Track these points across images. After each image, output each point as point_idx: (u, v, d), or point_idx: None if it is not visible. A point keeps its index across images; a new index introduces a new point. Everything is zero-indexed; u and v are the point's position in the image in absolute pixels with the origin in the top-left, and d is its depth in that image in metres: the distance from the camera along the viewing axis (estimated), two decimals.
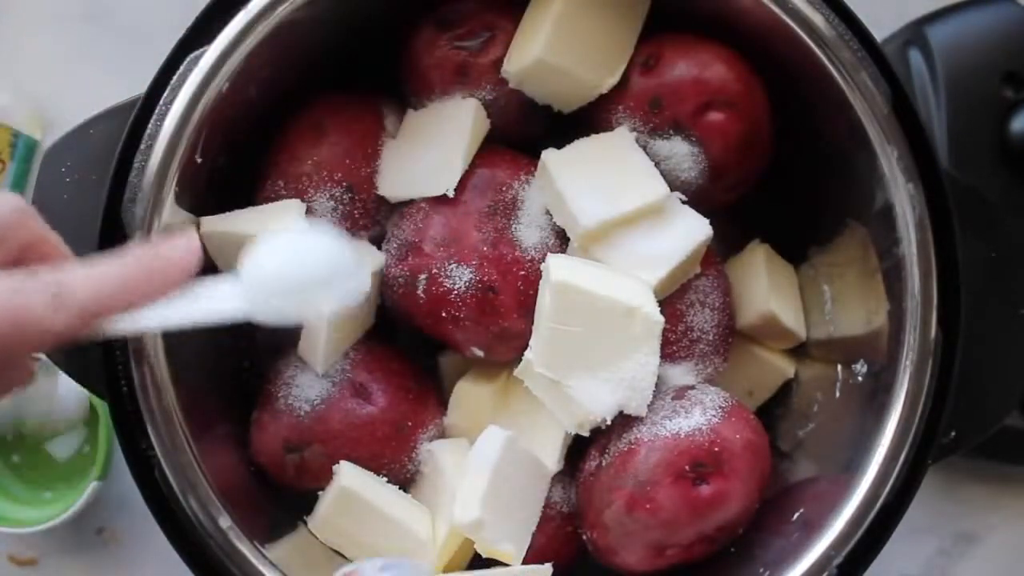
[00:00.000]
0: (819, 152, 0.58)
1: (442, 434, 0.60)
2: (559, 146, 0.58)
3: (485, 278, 0.55)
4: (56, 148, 0.53)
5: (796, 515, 0.54)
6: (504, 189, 0.57)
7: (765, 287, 0.60)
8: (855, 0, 0.52)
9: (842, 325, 0.59)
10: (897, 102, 0.51)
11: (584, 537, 0.56)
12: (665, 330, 0.54)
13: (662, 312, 0.54)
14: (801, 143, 0.59)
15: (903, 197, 0.51)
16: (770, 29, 0.53)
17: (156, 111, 0.50)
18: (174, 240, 0.43)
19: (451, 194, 0.56)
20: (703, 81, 0.56)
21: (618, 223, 0.55)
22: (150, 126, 0.50)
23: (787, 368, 0.63)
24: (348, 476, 0.55)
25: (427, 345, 0.61)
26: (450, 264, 0.55)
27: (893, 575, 0.70)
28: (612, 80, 0.58)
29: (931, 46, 0.64)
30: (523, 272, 0.56)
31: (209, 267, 0.57)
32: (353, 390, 0.57)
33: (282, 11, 0.51)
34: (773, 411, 0.64)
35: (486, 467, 0.53)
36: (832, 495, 0.51)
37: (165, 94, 0.50)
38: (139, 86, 0.51)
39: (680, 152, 0.57)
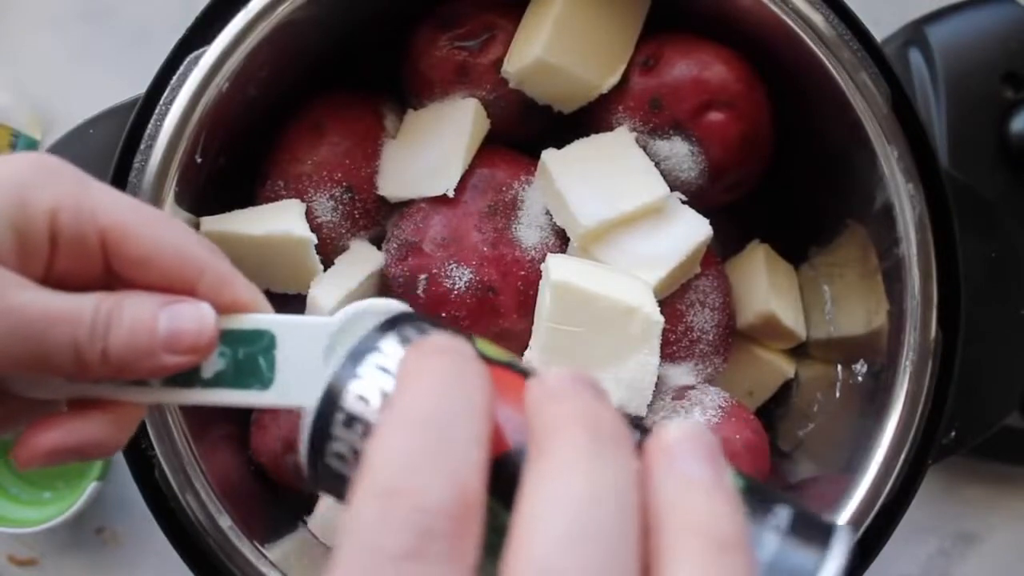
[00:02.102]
0: (819, 152, 0.58)
1: None
2: (559, 146, 0.57)
3: (485, 278, 0.55)
4: (56, 148, 0.53)
5: None
6: (504, 189, 0.57)
7: (765, 287, 0.60)
8: (855, 0, 0.52)
9: (842, 325, 0.59)
10: (897, 102, 0.51)
11: None
12: (665, 330, 0.54)
13: (662, 312, 0.54)
14: (801, 143, 0.59)
15: (903, 197, 0.51)
16: (770, 29, 0.53)
17: (156, 111, 0.50)
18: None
19: (451, 194, 0.56)
20: (703, 81, 0.56)
21: (618, 223, 0.55)
22: (150, 126, 0.50)
23: (787, 368, 0.63)
24: None
25: None
26: (450, 264, 0.55)
27: (893, 575, 0.70)
28: (612, 80, 0.58)
29: (931, 46, 0.64)
30: (523, 272, 0.56)
31: None
32: None
33: (282, 11, 0.51)
34: (773, 411, 0.64)
35: None
36: (832, 495, 0.51)
37: (165, 94, 0.50)
38: (139, 86, 0.51)
39: (680, 152, 0.57)
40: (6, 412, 0.34)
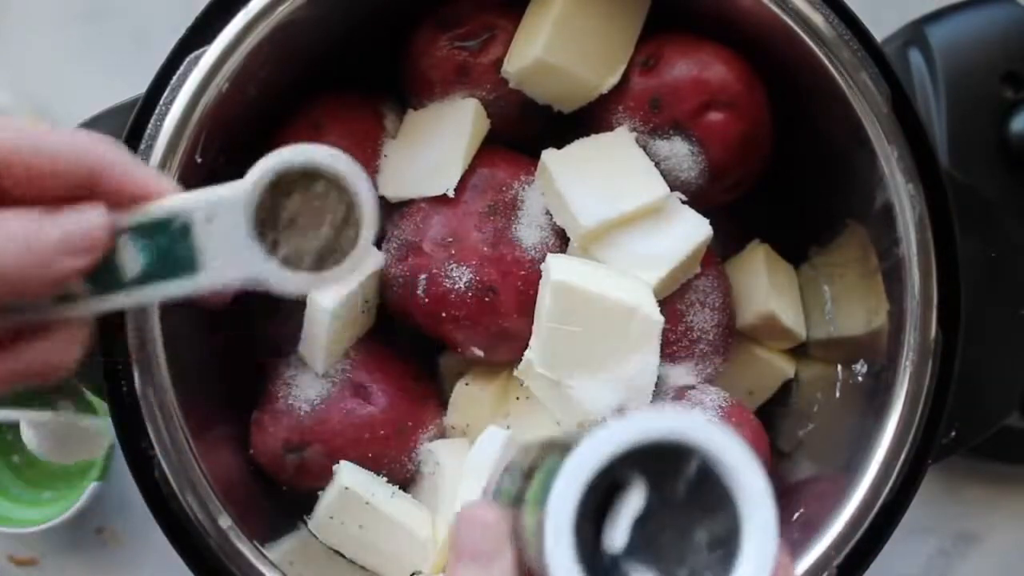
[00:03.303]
0: (819, 152, 0.58)
1: (442, 434, 0.60)
2: (559, 146, 0.57)
3: (485, 278, 0.55)
4: None
5: (796, 515, 0.54)
6: (504, 189, 0.57)
7: (765, 287, 0.60)
8: (855, 0, 0.52)
9: (842, 325, 0.59)
10: (897, 102, 0.51)
11: None
12: (665, 330, 0.54)
13: (662, 312, 0.54)
14: (801, 143, 0.59)
15: (903, 197, 0.51)
16: (770, 29, 0.53)
17: (156, 111, 0.50)
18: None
19: (451, 194, 0.56)
20: (703, 81, 0.56)
21: (618, 223, 0.55)
22: (150, 126, 0.50)
23: (787, 368, 0.63)
24: (348, 476, 0.55)
25: (427, 345, 0.61)
26: (450, 264, 0.55)
27: (893, 575, 0.70)
28: (612, 80, 0.58)
29: (931, 46, 0.64)
30: (523, 272, 0.56)
31: None
32: (353, 390, 0.57)
33: (282, 11, 0.51)
34: (773, 411, 0.64)
35: (486, 467, 0.53)
36: (832, 495, 0.51)
37: (165, 94, 0.50)
38: (139, 86, 0.51)
39: (680, 152, 0.57)
40: None
